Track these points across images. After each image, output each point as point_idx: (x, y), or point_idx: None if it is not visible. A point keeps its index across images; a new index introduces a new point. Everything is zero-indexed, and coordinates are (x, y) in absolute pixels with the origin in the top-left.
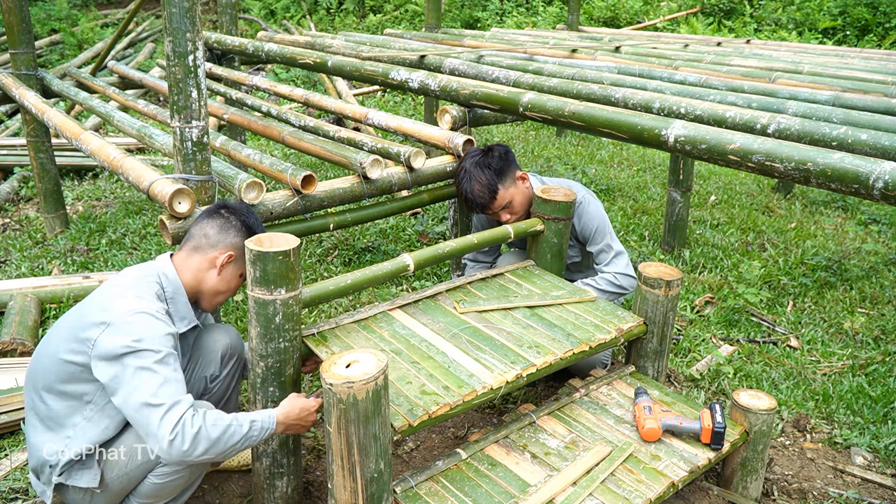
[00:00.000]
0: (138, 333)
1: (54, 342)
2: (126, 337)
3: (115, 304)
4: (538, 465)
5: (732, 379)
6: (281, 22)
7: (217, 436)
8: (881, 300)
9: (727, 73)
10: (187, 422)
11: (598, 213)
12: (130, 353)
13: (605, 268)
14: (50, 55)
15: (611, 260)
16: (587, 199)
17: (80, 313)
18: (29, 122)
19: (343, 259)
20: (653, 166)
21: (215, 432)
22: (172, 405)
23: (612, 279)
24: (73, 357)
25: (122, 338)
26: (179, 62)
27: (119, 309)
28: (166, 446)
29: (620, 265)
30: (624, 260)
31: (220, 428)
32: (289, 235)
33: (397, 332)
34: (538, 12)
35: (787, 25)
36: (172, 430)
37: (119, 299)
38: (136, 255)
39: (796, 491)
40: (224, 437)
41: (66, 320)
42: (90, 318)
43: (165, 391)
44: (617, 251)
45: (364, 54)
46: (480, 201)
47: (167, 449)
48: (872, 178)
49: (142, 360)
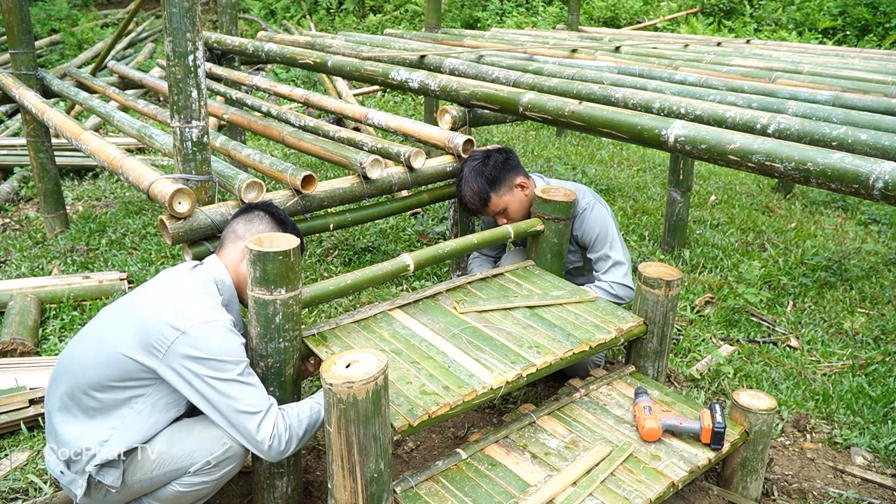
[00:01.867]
0: (218, 346)
1: (112, 335)
2: (206, 348)
3: (190, 312)
4: (538, 465)
5: (732, 379)
6: (281, 22)
7: (304, 431)
8: (881, 300)
9: (727, 73)
10: (280, 425)
11: (600, 221)
12: (211, 364)
13: (602, 276)
14: (50, 55)
15: (608, 269)
16: (592, 205)
17: (148, 312)
18: (29, 122)
19: (343, 259)
20: (653, 166)
21: (301, 429)
22: (266, 411)
23: (608, 288)
24: (139, 356)
25: (202, 348)
26: (179, 62)
27: (195, 317)
28: (266, 449)
29: (618, 275)
30: (622, 270)
31: (304, 424)
32: (289, 235)
33: (397, 332)
34: (538, 12)
35: (787, 25)
36: (271, 435)
37: (193, 307)
38: (136, 255)
39: (796, 491)
40: (308, 430)
41: (125, 315)
42: (163, 319)
43: (256, 399)
44: (615, 260)
45: (364, 54)
46: (472, 207)
47: (267, 451)
48: (872, 178)
49: (226, 373)
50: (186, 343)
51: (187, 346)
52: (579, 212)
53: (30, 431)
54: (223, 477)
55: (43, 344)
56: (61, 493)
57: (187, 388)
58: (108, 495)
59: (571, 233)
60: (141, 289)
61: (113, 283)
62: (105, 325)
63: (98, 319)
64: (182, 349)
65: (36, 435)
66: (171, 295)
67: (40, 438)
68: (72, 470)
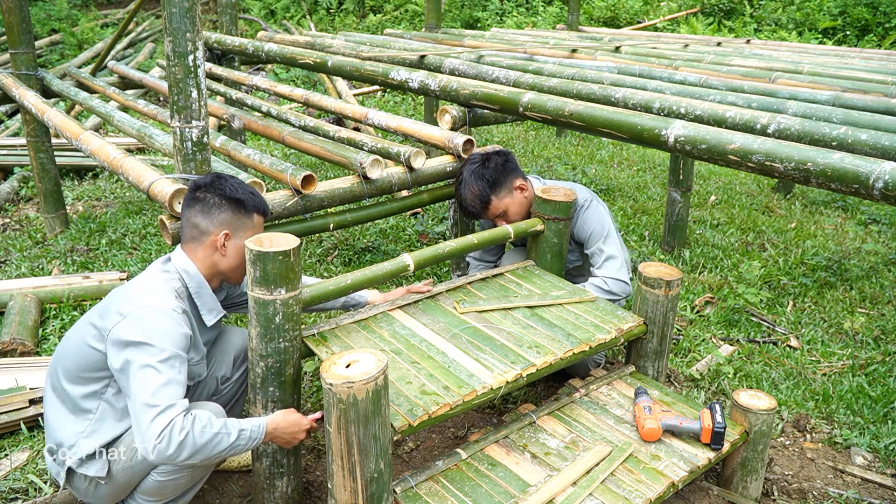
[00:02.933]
0: (149, 329)
1: (81, 327)
2: (137, 330)
3: (136, 299)
4: (538, 465)
5: (732, 379)
6: (281, 22)
7: (203, 442)
8: (881, 300)
9: (727, 73)
10: (176, 426)
11: (596, 217)
12: (138, 346)
13: (596, 271)
14: (50, 55)
15: (602, 263)
16: (588, 202)
17: (107, 302)
18: (29, 122)
19: (343, 259)
20: (653, 166)
21: (202, 439)
22: (166, 408)
23: (602, 284)
24: (96, 343)
25: (133, 330)
26: (179, 62)
27: (138, 302)
28: (151, 448)
29: (612, 269)
30: (616, 264)
31: (207, 435)
32: (289, 235)
33: (397, 332)
34: (538, 12)
35: (787, 25)
36: (160, 433)
37: (140, 294)
38: (136, 254)
39: (796, 491)
40: (210, 445)
41: (96, 308)
42: (113, 307)
43: (164, 393)
44: (609, 255)
45: (364, 54)
46: (472, 210)
47: (151, 450)
48: (872, 178)
49: (148, 356)
50: (123, 326)
51: (123, 329)
52: (576, 209)
53: (30, 431)
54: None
55: (43, 344)
56: (61, 492)
57: (119, 374)
58: (98, 487)
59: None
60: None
61: (113, 283)
62: (83, 317)
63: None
64: (118, 333)
65: (36, 435)
66: (131, 285)
67: (40, 438)
68: (55, 461)
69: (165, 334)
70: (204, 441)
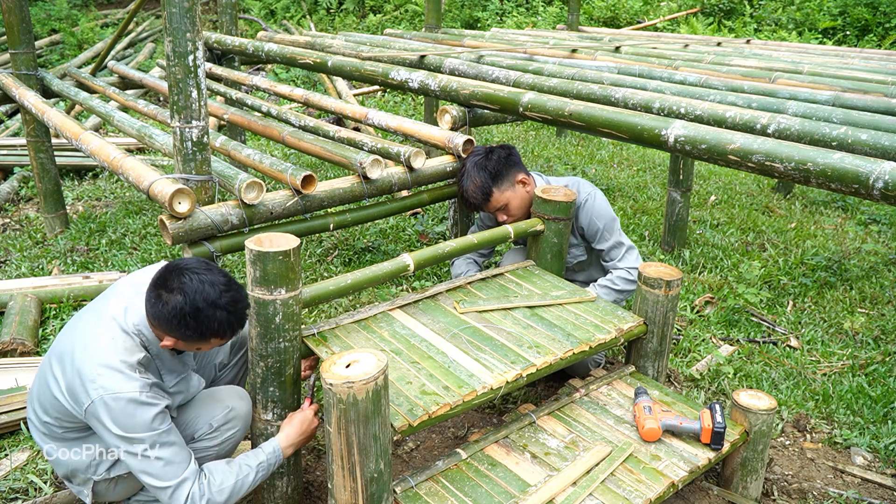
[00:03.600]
0: (128, 423)
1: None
2: (114, 424)
3: (102, 379)
4: (538, 465)
5: (732, 379)
6: (281, 22)
7: (225, 499)
8: (881, 300)
9: (727, 73)
10: (194, 498)
11: (605, 210)
12: (122, 439)
13: (618, 263)
14: (50, 55)
15: (623, 255)
16: (594, 195)
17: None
18: (29, 122)
19: (343, 259)
20: (653, 166)
21: (222, 497)
22: (177, 485)
23: (627, 275)
24: (64, 402)
25: (110, 422)
26: (179, 62)
27: (104, 387)
28: None
29: (633, 259)
30: (635, 254)
31: (226, 492)
32: (289, 235)
33: (397, 332)
34: (538, 12)
35: (787, 25)
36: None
37: (106, 372)
38: (136, 254)
39: (796, 491)
40: (234, 494)
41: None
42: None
43: (168, 472)
44: (628, 246)
45: (364, 54)
46: (474, 201)
47: None
48: (872, 178)
49: (138, 447)
50: (95, 412)
51: (97, 415)
52: (581, 202)
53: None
54: (226, 442)
55: (43, 344)
56: (61, 493)
57: (114, 449)
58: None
59: (575, 225)
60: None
61: (113, 283)
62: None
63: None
64: (95, 414)
65: None
66: (90, 342)
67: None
68: (74, 483)
69: (140, 424)
70: (225, 497)
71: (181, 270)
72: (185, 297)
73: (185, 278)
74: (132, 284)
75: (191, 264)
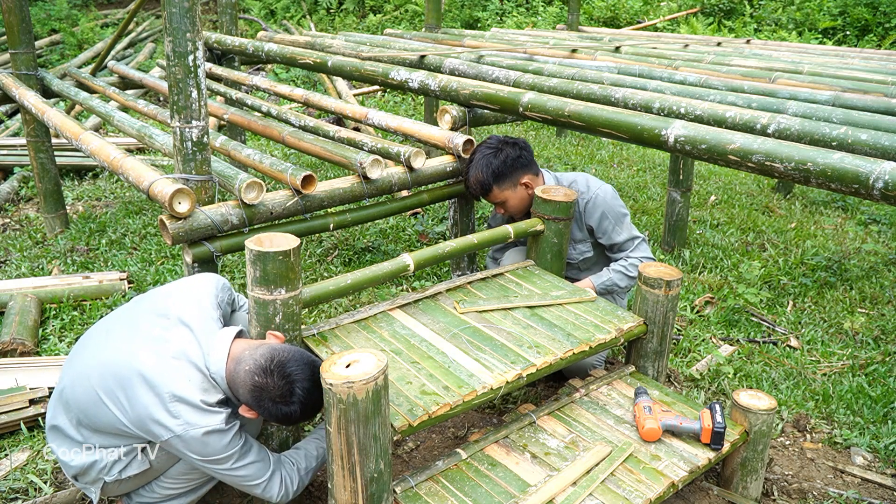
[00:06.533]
0: (215, 450)
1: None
2: (201, 453)
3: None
4: (538, 465)
5: (732, 379)
6: (281, 22)
7: (309, 476)
8: (881, 300)
9: (727, 73)
10: (286, 481)
11: (615, 205)
12: (210, 462)
13: (631, 254)
14: (50, 55)
15: (636, 246)
16: (603, 189)
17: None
18: (29, 122)
19: (343, 259)
20: (653, 166)
21: (307, 476)
22: (269, 479)
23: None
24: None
25: (196, 454)
26: (179, 62)
27: (187, 423)
28: (277, 502)
29: (645, 249)
30: (646, 244)
31: (311, 471)
32: (289, 235)
33: (397, 332)
34: (538, 12)
35: (787, 25)
36: (278, 494)
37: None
38: (136, 255)
39: (796, 491)
40: (313, 471)
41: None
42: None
43: (256, 473)
44: (641, 238)
45: (364, 54)
46: (473, 192)
47: (278, 502)
48: (872, 178)
49: (221, 466)
50: (179, 443)
51: (180, 445)
52: (591, 197)
53: (30, 431)
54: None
55: (43, 344)
56: (61, 493)
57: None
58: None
59: (584, 221)
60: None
61: (113, 283)
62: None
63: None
64: (177, 445)
65: (36, 435)
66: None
67: (40, 438)
68: (80, 482)
69: (226, 447)
70: (310, 474)
71: (293, 382)
72: (302, 407)
73: (300, 391)
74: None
75: (304, 374)
